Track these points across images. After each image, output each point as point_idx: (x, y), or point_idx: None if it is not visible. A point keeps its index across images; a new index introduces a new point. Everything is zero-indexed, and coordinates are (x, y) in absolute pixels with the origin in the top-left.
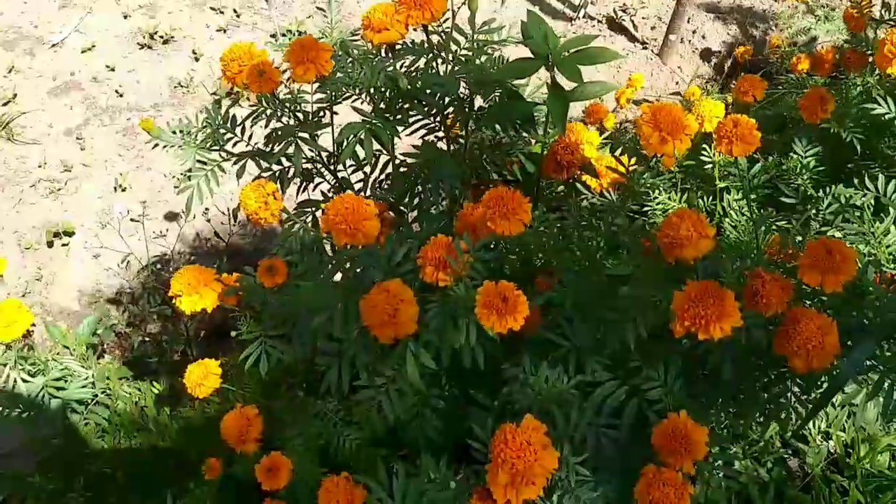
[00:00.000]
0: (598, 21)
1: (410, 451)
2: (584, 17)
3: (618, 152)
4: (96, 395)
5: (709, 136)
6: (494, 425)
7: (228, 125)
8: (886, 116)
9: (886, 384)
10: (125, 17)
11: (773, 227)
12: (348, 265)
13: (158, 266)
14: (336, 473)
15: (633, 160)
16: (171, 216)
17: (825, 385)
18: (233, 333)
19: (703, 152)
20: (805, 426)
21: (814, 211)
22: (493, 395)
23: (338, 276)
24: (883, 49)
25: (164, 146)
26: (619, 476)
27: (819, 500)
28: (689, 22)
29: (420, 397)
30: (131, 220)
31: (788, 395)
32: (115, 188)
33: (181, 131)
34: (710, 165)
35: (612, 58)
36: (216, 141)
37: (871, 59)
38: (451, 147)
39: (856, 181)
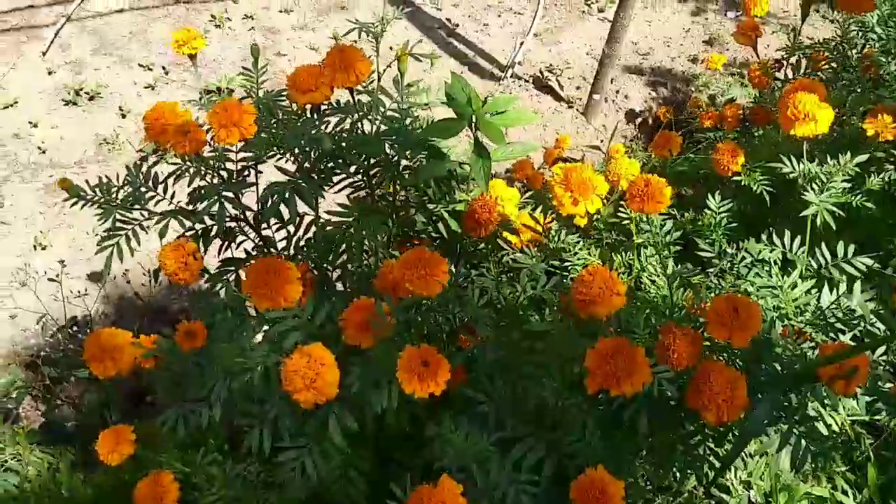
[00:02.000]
0: (526, 80)
1: None
2: (511, 76)
3: (538, 210)
4: (6, 462)
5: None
6: (415, 485)
7: (150, 184)
8: (791, 175)
9: (795, 434)
10: (50, 73)
11: (686, 281)
12: (269, 326)
13: (80, 326)
14: None
15: (550, 217)
16: (94, 275)
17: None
18: (148, 398)
19: (621, 209)
20: (719, 478)
21: (728, 265)
22: (417, 454)
23: (259, 337)
24: (785, 111)
25: (85, 205)
26: None
27: None
28: (612, 82)
29: (344, 458)
30: (49, 279)
31: (703, 446)
32: (34, 246)
33: (102, 191)
34: (627, 221)
35: (531, 120)
36: (137, 200)
37: (776, 117)
38: (378, 205)
39: (764, 237)
